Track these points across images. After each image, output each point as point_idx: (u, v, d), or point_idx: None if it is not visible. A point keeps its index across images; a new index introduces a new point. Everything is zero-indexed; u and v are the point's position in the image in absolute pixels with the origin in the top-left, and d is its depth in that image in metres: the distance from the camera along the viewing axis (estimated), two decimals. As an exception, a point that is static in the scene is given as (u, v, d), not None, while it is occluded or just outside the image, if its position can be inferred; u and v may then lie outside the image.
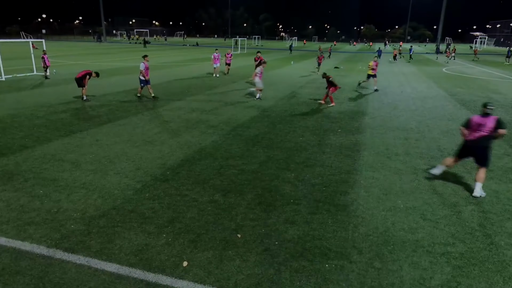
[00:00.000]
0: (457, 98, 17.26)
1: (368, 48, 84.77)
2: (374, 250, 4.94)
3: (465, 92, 19.02)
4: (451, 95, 18.00)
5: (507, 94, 18.72)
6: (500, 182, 7.30)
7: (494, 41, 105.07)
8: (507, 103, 16.00)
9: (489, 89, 20.29)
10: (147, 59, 14.83)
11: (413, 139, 10.21)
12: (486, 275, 4.47)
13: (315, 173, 7.61)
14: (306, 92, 18.14)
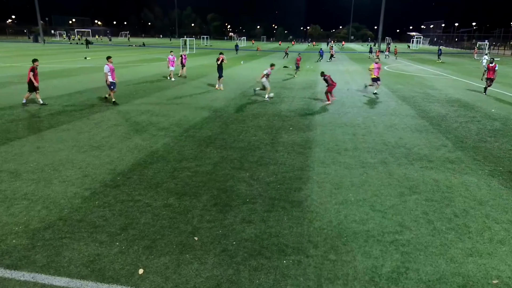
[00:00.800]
0: (398, 94, 18.32)
1: (312, 47, 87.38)
2: (329, 243, 5.11)
3: (405, 89, 20.23)
4: (393, 92, 19.07)
5: (442, 89, 20.18)
6: (439, 171, 7.85)
7: (428, 41, 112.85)
8: (442, 98, 17.26)
9: (426, 86, 21.75)
10: (111, 60, 14.16)
11: (360, 135, 10.68)
12: (430, 259, 4.79)
13: (269, 171, 7.70)
14: (257, 92, 18.29)
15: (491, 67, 17.99)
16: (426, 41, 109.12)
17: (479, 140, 10.26)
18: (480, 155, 8.95)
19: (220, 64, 18.33)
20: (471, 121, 12.52)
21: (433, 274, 4.48)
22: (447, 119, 12.86)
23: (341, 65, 36.31)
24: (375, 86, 18.02)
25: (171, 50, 23.82)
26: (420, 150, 9.29)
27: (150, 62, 34.74)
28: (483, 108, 14.82)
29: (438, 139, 10.32)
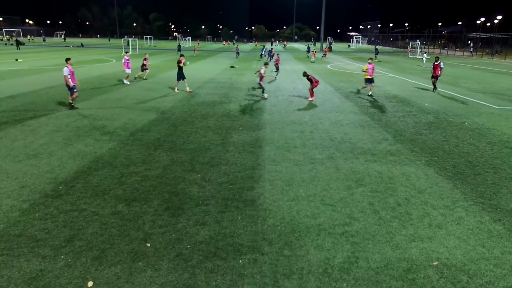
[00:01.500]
0: (342, 92, 19.11)
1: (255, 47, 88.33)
2: (283, 239, 5.20)
3: (347, 86, 21.14)
4: (336, 89, 19.84)
5: (381, 86, 21.36)
6: (382, 164, 8.31)
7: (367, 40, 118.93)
8: (381, 94, 18.26)
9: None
10: (71, 63, 13.35)
11: (308, 132, 10.99)
12: (378, 247, 5.06)
13: (221, 172, 7.67)
14: (204, 93, 18.13)
15: (436, 65, 18.72)
16: (364, 41, 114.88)
17: (415, 133, 11.01)
18: (417, 147, 9.60)
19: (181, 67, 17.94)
20: (408, 116, 13.38)
21: (381, 261, 4.73)
22: (386, 114, 13.64)
23: (287, 64, 37.06)
24: (369, 88, 17.76)
25: (126, 51, 22.45)
26: (364, 144, 9.77)
27: (91, 64, 33.03)
28: (418, 103, 15.91)
29: (380, 133, 10.92)
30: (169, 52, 56.19)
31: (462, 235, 5.36)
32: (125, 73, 20.46)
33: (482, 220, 5.79)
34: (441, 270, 4.55)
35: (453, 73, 29.69)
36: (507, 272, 4.52)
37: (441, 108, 14.83)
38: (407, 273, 4.49)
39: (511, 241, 5.21)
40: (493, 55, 54.22)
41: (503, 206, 6.29)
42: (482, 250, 4.99)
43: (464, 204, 6.35)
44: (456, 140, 10.27)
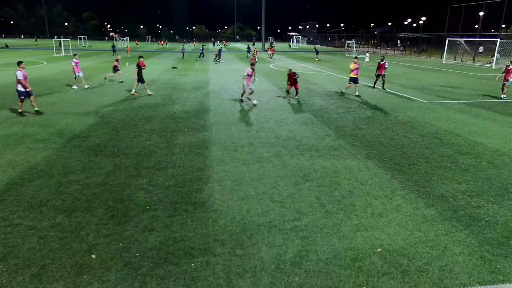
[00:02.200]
0: (284, 90, 19.50)
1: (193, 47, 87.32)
2: (234, 239, 5.21)
3: (290, 85, 21.65)
4: (280, 88, 20.24)
5: (322, 84, 22.18)
6: (326, 159, 8.64)
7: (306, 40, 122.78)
8: (322, 92, 18.98)
9: (308, 82, 23.62)
10: (23, 66, 12.31)
11: (254, 131, 11.10)
12: (326, 239, 5.25)
13: (168, 175, 7.49)
14: (147, 94, 17.56)
15: (381, 65, 19.52)
16: (304, 41, 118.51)
17: (355, 128, 11.58)
18: (357, 141, 10.11)
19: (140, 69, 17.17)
20: (347, 112, 14.04)
21: (330, 252, 4.92)
22: (328, 111, 14.19)
23: (229, 64, 37.11)
24: (355, 88, 17.58)
25: (75, 53, 20.61)
26: (309, 141, 10.08)
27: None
28: (356, 100, 16.75)
29: (322, 129, 11.33)
30: (105, 53, 53.67)
31: (401, 221, 5.74)
32: (78, 77, 18.74)
33: (417, 207, 6.24)
34: (384, 256, 4.84)
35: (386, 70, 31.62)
36: (441, 253, 4.92)
37: (377, 104, 15.74)
38: (354, 262, 4.72)
39: (443, 224, 5.67)
40: (420, 54, 58.70)
41: (435, 192, 6.83)
42: (419, 234, 5.39)
43: (401, 192, 6.81)
44: (392, 133, 10.97)
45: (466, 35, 49.56)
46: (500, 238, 5.30)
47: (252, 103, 15.09)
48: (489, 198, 6.59)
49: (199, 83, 22.19)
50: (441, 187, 7.07)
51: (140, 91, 17.61)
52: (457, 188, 7.03)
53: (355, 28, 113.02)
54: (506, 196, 6.67)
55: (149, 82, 22.20)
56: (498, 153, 9.11)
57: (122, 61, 28.20)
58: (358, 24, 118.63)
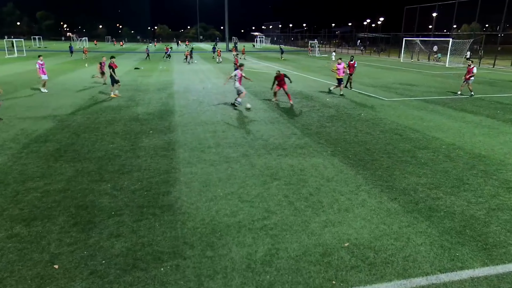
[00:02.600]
0: (250, 90, 19.58)
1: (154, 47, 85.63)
2: (204, 241, 5.16)
3: (255, 85, 21.75)
4: (245, 88, 20.24)
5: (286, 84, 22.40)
6: (293, 157, 8.75)
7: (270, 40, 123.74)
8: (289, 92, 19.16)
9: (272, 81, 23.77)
10: None
11: (220, 131, 11.05)
12: (295, 236, 5.32)
13: (133, 178, 7.30)
14: (108, 96, 17.03)
15: (351, 64, 19.69)
16: (268, 40, 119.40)
17: (320, 126, 11.82)
18: (322, 139, 10.31)
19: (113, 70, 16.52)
20: (312, 110, 14.29)
21: (299, 249, 4.99)
22: (293, 110, 14.38)
23: (194, 65, 36.72)
24: (340, 88, 17.84)
25: (39, 55, 19.41)
26: (275, 140, 10.17)
27: (-35, 68, 28.60)
28: (320, 98, 17.10)
29: (289, 128, 11.47)
30: (62, 54, 51.47)
31: (366, 216, 5.92)
32: (41, 80, 17.83)
33: (381, 201, 6.47)
34: (352, 250, 4.98)
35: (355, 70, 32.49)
36: (405, 244, 5.13)
37: (340, 102, 16.14)
38: (323, 257, 4.82)
39: (405, 216, 5.91)
40: (379, 53, 60.83)
41: (397, 186, 7.10)
42: (383, 227, 5.58)
43: (366, 187, 7.02)
44: (355, 130, 11.29)
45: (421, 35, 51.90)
46: (458, 227, 5.59)
47: (246, 106, 14.22)
48: (446, 190, 6.93)
49: (163, 84, 21.79)
50: (402, 181, 7.36)
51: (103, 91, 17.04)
52: (417, 181, 7.34)
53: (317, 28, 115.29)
54: (462, 188, 7.05)
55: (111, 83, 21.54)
56: (454, 147, 9.61)
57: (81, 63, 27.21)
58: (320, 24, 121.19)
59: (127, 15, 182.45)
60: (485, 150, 9.38)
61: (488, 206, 6.29)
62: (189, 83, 21.97)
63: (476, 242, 5.17)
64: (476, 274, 4.49)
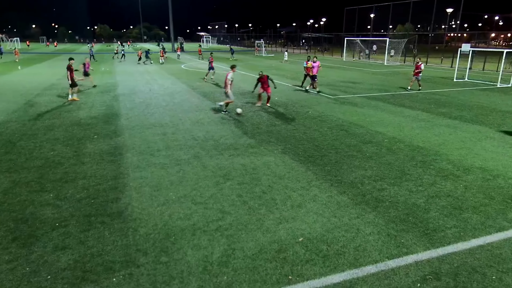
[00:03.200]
0: (199, 91, 19.38)
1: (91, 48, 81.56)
2: (158, 247, 5.02)
3: (204, 85, 21.55)
4: (193, 89, 20.02)
5: (235, 84, 22.39)
6: (244, 156, 8.79)
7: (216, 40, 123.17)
8: (236, 91, 19.20)
9: (222, 81, 23.72)
10: None
11: (170, 133, 10.81)
12: (251, 235, 5.35)
13: (79, 187, 6.92)
14: (46, 100, 15.98)
15: (315, 65, 19.33)
16: (214, 40, 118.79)
17: (270, 124, 11.98)
18: (273, 137, 10.47)
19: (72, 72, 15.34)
20: (261, 109, 14.45)
21: (255, 247, 5.03)
22: (243, 109, 14.42)
23: (140, 66, 35.55)
24: (314, 85, 18.51)
25: None
26: (226, 140, 10.15)
27: None
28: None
29: (239, 128, 11.50)
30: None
31: (318, 210, 6.11)
32: None
33: (331, 195, 6.70)
34: (306, 244, 5.11)
35: (295, 68, 33.27)
36: (355, 235, 5.36)
37: (289, 101, 16.49)
38: (279, 253, 4.89)
39: (354, 208, 6.18)
40: (323, 52, 62.97)
41: (345, 180, 7.41)
42: (335, 220, 5.79)
43: (316, 183, 7.24)
44: (304, 127, 11.60)
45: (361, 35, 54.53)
46: (402, 215, 5.95)
47: (236, 111, 13.36)
48: (390, 181, 7.35)
49: (106, 86, 20.86)
50: (350, 174, 7.69)
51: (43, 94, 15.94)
52: (363, 174, 7.71)
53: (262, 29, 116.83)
54: (403, 178, 7.52)
55: (48, 87, 20.26)
56: (395, 140, 10.22)
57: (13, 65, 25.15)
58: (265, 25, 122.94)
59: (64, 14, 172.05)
60: (422, 142, 10.07)
61: (427, 194, 6.76)
62: (135, 85, 21.24)
63: (418, 228, 5.54)
64: (419, 258, 4.82)
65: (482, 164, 8.30)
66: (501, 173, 7.80)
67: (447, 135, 10.85)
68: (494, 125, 12.17)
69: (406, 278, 4.41)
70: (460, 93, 19.35)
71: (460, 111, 14.45)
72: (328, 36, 70.34)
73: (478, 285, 4.30)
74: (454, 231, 5.46)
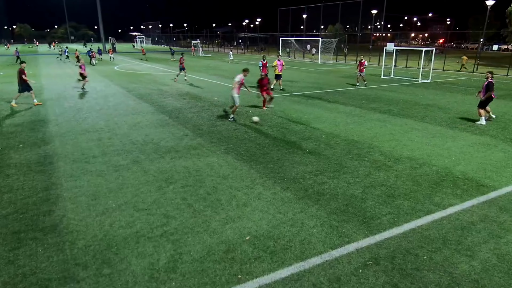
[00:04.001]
0: (135, 93, 18.65)
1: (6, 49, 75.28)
2: (99, 259, 4.75)
3: (140, 87, 20.80)
4: (129, 91, 19.22)
5: (173, 85, 21.96)
6: (187, 158, 8.64)
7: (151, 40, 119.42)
8: (174, 93, 18.82)
9: (158, 82, 23.09)
10: None
11: (106, 138, 10.28)
12: (197, 238, 5.28)
13: (4, 201, 6.31)
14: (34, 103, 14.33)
15: (279, 63, 19.07)
16: (149, 41, 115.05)
17: (211, 125, 11.90)
18: (215, 137, 10.42)
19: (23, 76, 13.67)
20: (202, 110, 14.31)
21: (203, 250, 4.97)
22: (183, 111, 14.18)
23: (67, 68, 33.31)
24: (279, 83, 19.48)
25: None
26: (167, 143, 9.89)
27: None
28: (208, 98, 17.20)
29: (180, 130, 11.28)
30: None
31: (263, 207, 6.20)
32: None
33: (275, 191, 6.84)
34: (253, 242, 5.16)
35: (233, 68, 33.36)
36: (300, 229, 5.53)
37: (228, 101, 16.50)
38: (227, 254, 4.89)
39: (298, 203, 6.37)
40: (260, 52, 63.96)
41: (288, 176, 7.60)
42: (280, 216, 5.92)
43: (260, 181, 7.34)
44: (245, 127, 11.69)
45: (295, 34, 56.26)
46: (342, 206, 6.25)
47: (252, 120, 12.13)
48: (329, 175, 7.68)
49: (31, 90, 19.21)
50: (292, 170, 7.90)
51: None
52: (304, 169, 7.97)
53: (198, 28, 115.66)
54: (342, 171, 7.90)
55: (-40, 93, 18.16)
56: (332, 135, 10.70)
57: None
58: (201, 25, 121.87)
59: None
60: (357, 136, 10.67)
61: (363, 184, 7.18)
62: (63, 89, 19.86)
63: (357, 218, 5.86)
64: (360, 245, 5.10)
65: (409, 154, 9.01)
66: (426, 161, 8.52)
67: (378, 128, 11.60)
68: (418, 117, 13.26)
69: (349, 266, 4.65)
70: (387, 89, 20.80)
71: (388, 105, 15.52)
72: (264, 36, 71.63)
73: (412, 265, 4.66)
74: (389, 218, 5.86)
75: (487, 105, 12.46)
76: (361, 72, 21.26)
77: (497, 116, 13.37)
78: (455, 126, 11.95)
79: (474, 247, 5.07)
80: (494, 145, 9.85)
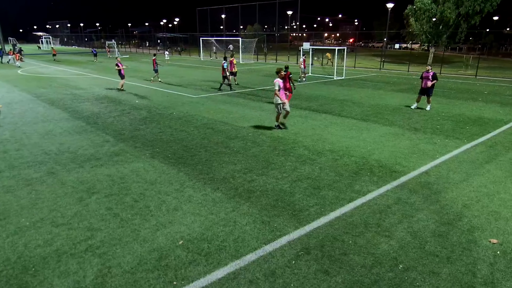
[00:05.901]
0: (44, 98, 17.07)
1: None
2: (14, 284, 4.27)
3: (50, 92, 19.09)
4: (37, 97, 17.54)
5: (87, 88, 20.55)
6: (109, 166, 8.15)
7: (59, 40, 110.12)
8: (90, 97, 17.62)
9: (71, 86, 21.41)
10: None
11: (13, 150, 9.26)
12: (127, 248, 5.01)
13: None
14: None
15: (231, 61, 21.36)
16: (56, 41, 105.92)
17: (134, 129, 11.38)
18: (138, 142, 9.98)
19: None
20: (122, 114, 13.61)
21: (134, 260, 4.74)
22: (101, 116, 13.34)
23: None
24: (234, 79, 21.10)
25: None
26: (86, 150, 9.23)
27: None
28: (129, 101, 16.42)
29: (99, 136, 10.59)
30: None
31: (195, 210, 6.11)
32: None
33: (206, 193, 6.78)
34: (187, 246, 5.06)
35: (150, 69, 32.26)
36: (233, 228, 5.56)
37: (151, 103, 15.94)
38: (160, 261, 4.73)
39: (229, 202, 6.39)
40: (181, 52, 62.76)
41: (217, 176, 7.59)
42: (212, 217, 5.89)
43: (190, 183, 7.22)
44: (170, 129, 11.39)
45: (215, 34, 56.27)
46: (272, 202, 6.43)
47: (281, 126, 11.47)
48: (258, 172, 7.84)
49: None
50: (221, 170, 7.91)
51: None
52: (234, 168, 8.02)
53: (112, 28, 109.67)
54: (269, 167, 8.11)
55: None
56: (258, 133, 10.92)
57: None
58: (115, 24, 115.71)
59: None
60: (281, 132, 11.03)
61: (291, 179, 7.46)
62: (-45, 96, 17.41)
63: (287, 211, 6.07)
64: (291, 237, 5.29)
65: (330, 147, 9.57)
66: (345, 152, 9.14)
67: (300, 124, 12.13)
68: (335, 112, 14.15)
69: (282, 258, 4.80)
70: (306, 86, 21.85)
71: (308, 102, 16.31)
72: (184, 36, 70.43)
73: (339, 251, 4.97)
74: (316, 208, 6.17)
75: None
76: (304, 69, 24.12)
77: (402, 107, 14.84)
78: (368, 119, 12.99)
79: (391, 227, 5.58)
80: (402, 134, 10.92)
